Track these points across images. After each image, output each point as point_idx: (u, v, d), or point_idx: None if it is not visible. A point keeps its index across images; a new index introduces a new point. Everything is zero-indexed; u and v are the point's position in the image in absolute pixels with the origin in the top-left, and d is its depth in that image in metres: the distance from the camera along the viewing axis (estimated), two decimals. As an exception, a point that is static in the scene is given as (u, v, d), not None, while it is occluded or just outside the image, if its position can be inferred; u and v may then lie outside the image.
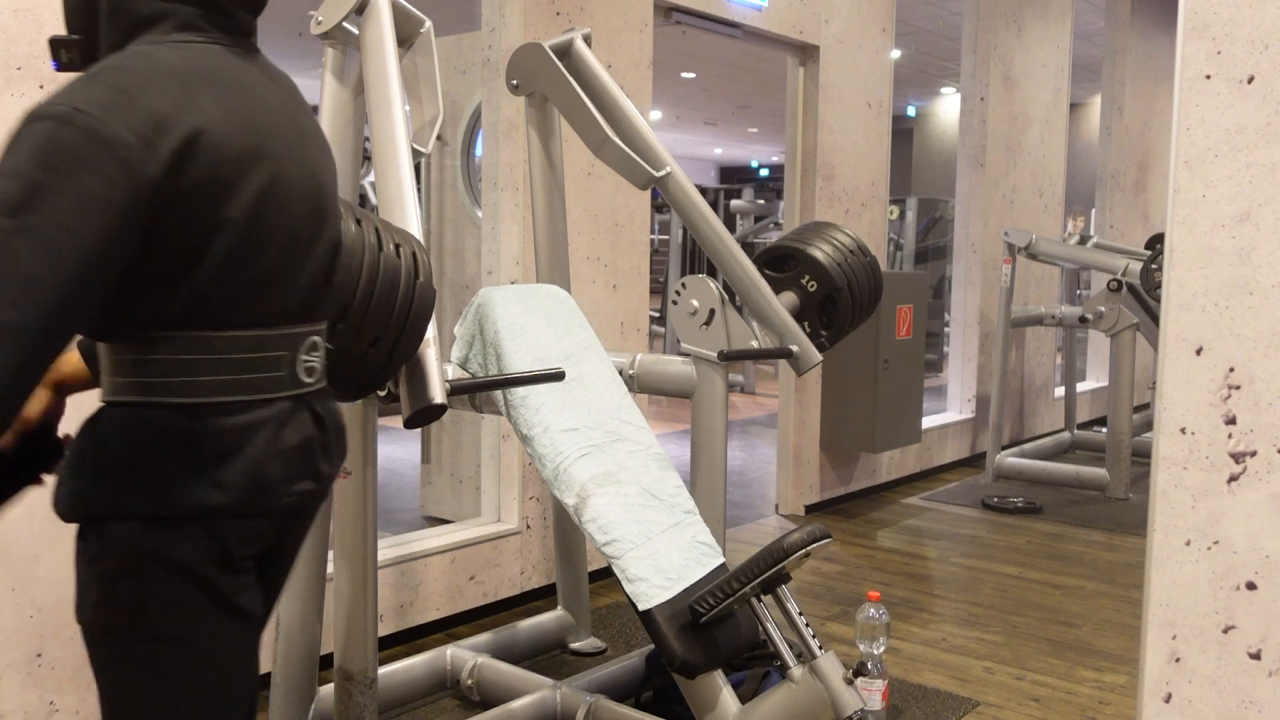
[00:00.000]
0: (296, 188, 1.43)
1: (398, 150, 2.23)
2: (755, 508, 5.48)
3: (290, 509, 1.47)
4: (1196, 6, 1.56)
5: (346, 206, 1.84)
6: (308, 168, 1.46)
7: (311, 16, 2.41)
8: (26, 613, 2.58)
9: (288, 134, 1.43)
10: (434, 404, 1.98)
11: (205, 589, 1.38)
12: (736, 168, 24.48)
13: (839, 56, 5.22)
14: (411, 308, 1.86)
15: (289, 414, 1.44)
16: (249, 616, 1.46)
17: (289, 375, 1.44)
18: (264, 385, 1.40)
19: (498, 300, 2.76)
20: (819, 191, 5.15)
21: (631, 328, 4.23)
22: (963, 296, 6.58)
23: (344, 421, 1.61)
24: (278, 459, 1.41)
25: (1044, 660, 3.46)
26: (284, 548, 1.55)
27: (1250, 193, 1.54)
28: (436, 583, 3.60)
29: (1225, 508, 1.58)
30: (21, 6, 2.49)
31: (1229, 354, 1.56)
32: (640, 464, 2.70)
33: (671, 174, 3.08)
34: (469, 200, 4.58)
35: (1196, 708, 1.61)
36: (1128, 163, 8.27)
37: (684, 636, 2.43)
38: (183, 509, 1.34)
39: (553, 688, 2.85)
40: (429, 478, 4.83)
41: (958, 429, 6.51)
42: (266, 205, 1.37)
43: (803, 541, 2.37)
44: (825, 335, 3.30)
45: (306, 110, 1.52)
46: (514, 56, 3.14)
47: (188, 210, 1.28)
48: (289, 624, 2.52)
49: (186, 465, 1.34)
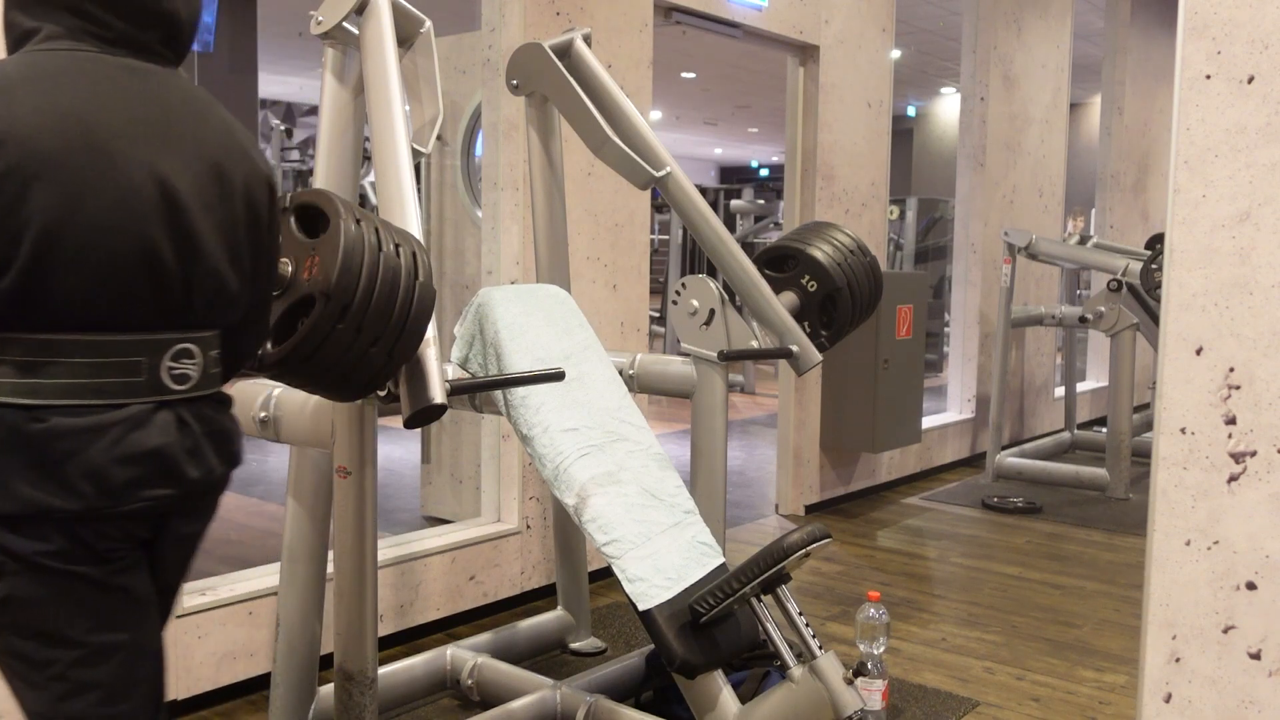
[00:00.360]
0: (137, 187, 1.41)
1: (398, 150, 2.23)
2: (755, 508, 5.48)
3: (152, 511, 1.47)
4: (1196, 6, 1.56)
5: (346, 206, 1.84)
6: (159, 170, 1.44)
7: (311, 16, 2.41)
8: (26, 613, 2.58)
9: (141, 135, 1.43)
10: (434, 404, 1.98)
11: (67, 581, 1.40)
12: (736, 168, 24.48)
13: (839, 56, 5.22)
14: (411, 308, 1.86)
15: (144, 418, 1.43)
16: (133, 594, 1.48)
17: (148, 381, 1.44)
18: (113, 390, 1.40)
19: (498, 300, 2.76)
20: (819, 191, 5.15)
21: (631, 328, 4.24)
22: (963, 296, 6.58)
23: (230, 427, 1.61)
24: (125, 463, 1.41)
25: (1044, 660, 3.46)
26: (166, 542, 1.55)
27: (1250, 193, 1.54)
28: (436, 583, 3.60)
29: (1225, 508, 1.58)
30: (21, 6, 2.49)
31: (1229, 354, 1.56)
32: (640, 464, 2.70)
33: (671, 174, 3.08)
34: (469, 200, 4.59)
35: (1196, 708, 1.61)
36: (1128, 163, 8.27)
37: (684, 636, 2.43)
38: (27, 508, 1.36)
39: (553, 688, 2.85)
40: (429, 478, 4.83)
41: (958, 429, 6.51)
42: (86, 204, 1.36)
43: (803, 541, 2.37)
44: (825, 335, 3.30)
45: (194, 117, 1.52)
46: (514, 56, 3.14)
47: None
48: (289, 624, 2.52)
49: (28, 466, 1.36)
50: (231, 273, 1.54)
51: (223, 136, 1.55)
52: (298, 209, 1.90)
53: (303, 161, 10.95)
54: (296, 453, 2.53)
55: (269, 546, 3.74)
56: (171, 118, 1.48)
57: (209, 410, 1.56)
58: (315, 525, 2.53)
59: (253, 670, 3.08)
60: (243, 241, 1.56)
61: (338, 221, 1.81)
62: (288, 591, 2.52)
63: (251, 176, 1.58)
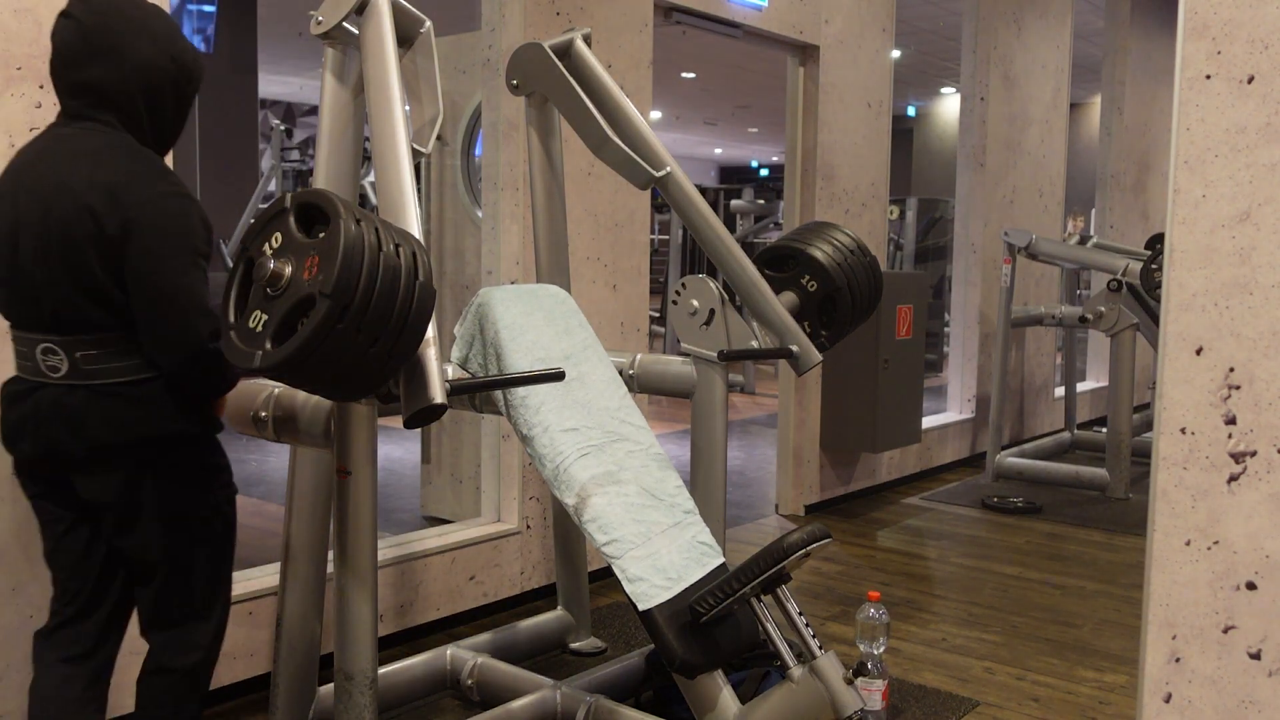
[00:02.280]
0: (32, 228, 1.98)
1: (398, 150, 2.23)
2: (755, 508, 5.48)
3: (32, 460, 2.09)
4: (1196, 6, 1.56)
5: (346, 206, 1.84)
6: (55, 215, 1.96)
7: (311, 16, 2.40)
8: (26, 613, 2.58)
9: (41, 188, 1.98)
10: (434, 404, 1.98)
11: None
12: (736, 168, 24.49)
13: (839, 56, 5.22)
14: (411, 308, 1.86)
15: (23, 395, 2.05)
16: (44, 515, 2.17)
17: (32, 366, 2.03)
18: (22, 370, 2.06)
19: (498, 300, 2.76)
20: (819, 191, 5.15)
21: (631, 328, 4.24)
22: (963, 296, 6.58)
23: (75, 415, 2.02)
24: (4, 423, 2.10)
25: (1044, 660, 3.46)
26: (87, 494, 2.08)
27: (1250, 193, 1.54)
28: (436, 583, 3.60)
29: (1225, 508, 1.58)
30: (21, 6, 2.49)
31: (1229, 354, 1.56)
32: (640, 464, 2.70)
33: (671, 174, 3.08)
34: (469, 200, 4.59)
35: (1196, 708, 1.61)
36: (1128, 163, 8.27)
37: (684, 636, 2.43)
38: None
39: (553, 688, 2.85)
40: (429, 478, 4.83)
41: (958, 429, 6.51)
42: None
43: (803, 541, 2.37)
44: (825, 335, 3.29)
45: (73, 171, 1.97)
46: (514, 56, 3.14)
47: None
48: (289, 624, 2.52)
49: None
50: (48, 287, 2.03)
51: (83, 185, 1.99)
52: (298, 209, 1.90)
53: (303, 161, 10.93)
54: (296, 453, 2.53)
55: (269, 546, 3.74)
56: (66, 174, 1.97)
57: (66, 396, 2.03)
58: (315, 525, 2.53)
59: (253, 670, 3.09)
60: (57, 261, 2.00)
61: (338, 221, 1.80)
62: (288, 591, 2.52)
63: (67, 208, 1.97)
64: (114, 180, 1.96)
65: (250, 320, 1.89)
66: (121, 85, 2.01)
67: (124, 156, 2.01)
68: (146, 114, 2.07)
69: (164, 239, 1.97)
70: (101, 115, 2.02)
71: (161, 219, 1.97)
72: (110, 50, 2.00)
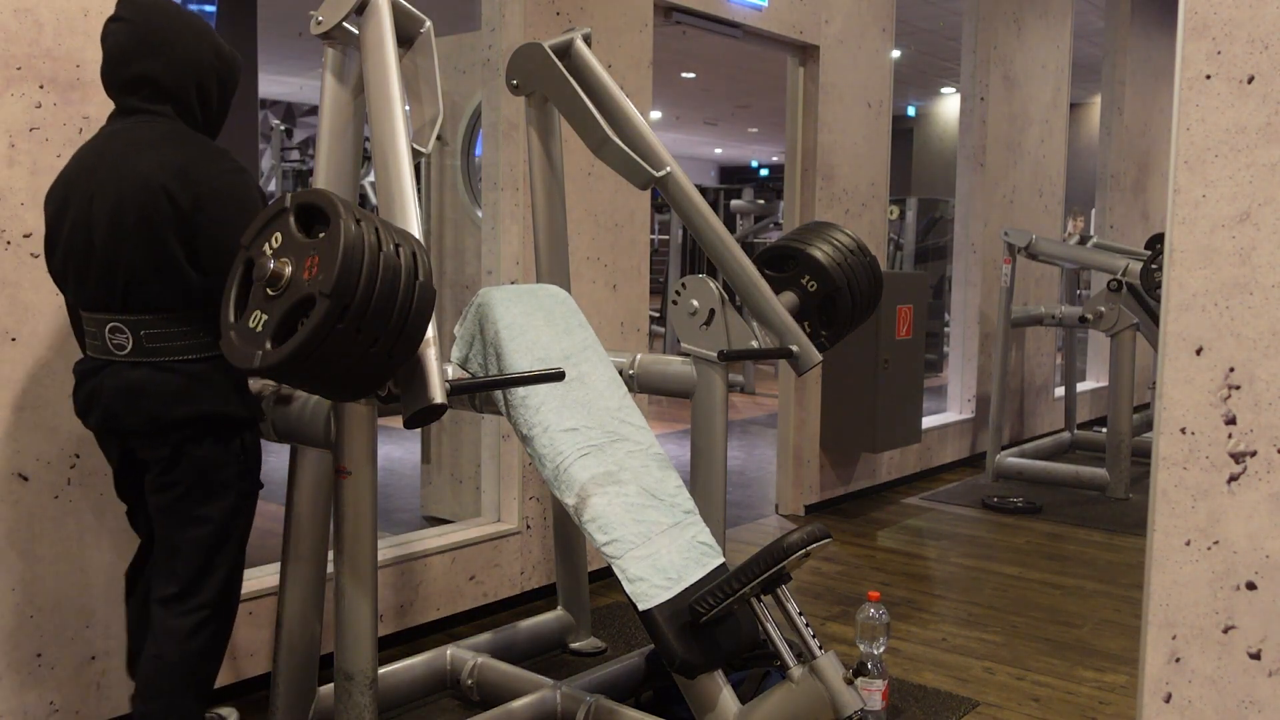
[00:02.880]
0: (106, 214, 2.13)
1: (398, 150, 2.23)
2: (755, 508, 5.48)
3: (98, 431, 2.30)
4: (1196, 6, 1.56)
5: (346, 206, 1.84)
6: (129, 199, 2.12)
7: (311, 16, 2.41)
8: (26, 613, 2.58)
9: (112, 177, 2.13)
10: (434, 404, 1.98)
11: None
12: (736, 168, 24.48)
13: (839, 56, 5.22)
14: (411, 308, 1.86)
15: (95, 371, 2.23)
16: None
17: (101, 345, 2.20)
18: (92, 349, 2.23)
19: (498, 300, 2.76)
20: (819, 191, 5.15)
21: (631, 328, 4.24)
22: (963, 296, 6.58)
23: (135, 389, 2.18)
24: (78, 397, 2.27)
25: (1044, 660, 3.46)
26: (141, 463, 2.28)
27: (1250, 193, 1.54)
28: (436, 583, 3.60)
29: (1225, 508, 1.58)
30: (21, 6, 2.49)
31: (1229, 354, 1.56)
32: (640, 464, 2.70)
33: (671, 174, 3.08)
34: (469, 200, 4.58)
35: (1196, 708, 1.61)
36: (1128, 163, 8.27)
37: (684, 636, 2.43)
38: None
39: (553, 688, 2.85)
40: (429, 478, 4.83)
41: (958, 429, 6.51)
42: (62, 222, 2.19)
43: (803, 541, 2.37)
44: (825, 335, 3.29)
45: (139, 157, 2.13)
46: (514, 56, 3.14)
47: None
48: (289, 624, 2.52)
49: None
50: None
51: (139, 173, 2.13)
52: (298, 209, 1.90)
53: (303, 161, 10.94)
54: (296, 453, 2.53)
55: (269, 546, 3.73)
56: (122, 163, 2.14)
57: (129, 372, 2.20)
58: (315, 525, 2.53)
59: (253, 670, 3.09)
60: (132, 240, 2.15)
61: (338, 221, 1.81)
62: (288, 591, 2.52)
63: (141, 203, 2.12)
64: (182, 161, 2.13)
65: (250, 320, 1.89)
66: (176, 77, 2.19)
67: (186, 141, 2.19)
68: (199, 103, 2.25)
69: (231, 209, 2.14)
70: (157, 106, 2.20)
71: (228, 191, 2.16)
72: (162, 44, 2.18)
